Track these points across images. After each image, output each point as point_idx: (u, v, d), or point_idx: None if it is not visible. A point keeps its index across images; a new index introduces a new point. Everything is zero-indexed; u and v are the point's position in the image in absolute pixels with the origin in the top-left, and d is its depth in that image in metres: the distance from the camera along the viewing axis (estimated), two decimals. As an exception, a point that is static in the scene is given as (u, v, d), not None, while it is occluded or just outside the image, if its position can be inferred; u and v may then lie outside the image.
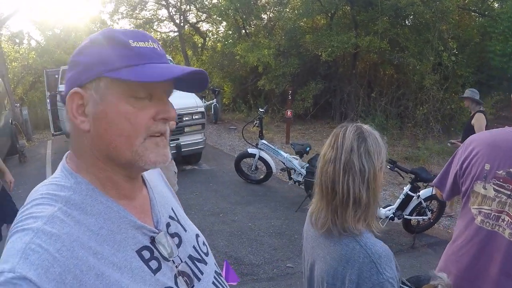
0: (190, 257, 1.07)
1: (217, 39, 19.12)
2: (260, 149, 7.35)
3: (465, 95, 6.24)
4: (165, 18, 21.20)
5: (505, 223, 1.82)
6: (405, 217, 5.40)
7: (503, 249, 1.82)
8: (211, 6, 17.70)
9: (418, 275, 1.72)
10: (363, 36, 12.50)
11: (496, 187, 1.85)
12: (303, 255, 1.75)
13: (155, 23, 21.25)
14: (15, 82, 18.64)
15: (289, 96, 11.66)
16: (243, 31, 16.08)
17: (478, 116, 5.98)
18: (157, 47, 0.93)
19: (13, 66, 19.09)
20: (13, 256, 0.73)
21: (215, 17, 16.80)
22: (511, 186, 1.82)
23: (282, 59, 14.36)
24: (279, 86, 13.93)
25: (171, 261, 0.98)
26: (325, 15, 14.40)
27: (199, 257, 1.11)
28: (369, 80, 14.60)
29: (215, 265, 1.18)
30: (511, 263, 1.81)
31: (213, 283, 1.10)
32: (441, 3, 11.29)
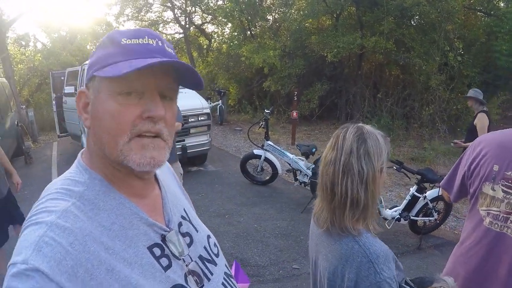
0: (200, 257, 1.08)
1: (222, 40, 19.11)
2: (266, 150, 7.35)
3: (469, 94, 6.23)
4: (170, 20, 21.25)
5: (513, 224, 1.81)
6: (412, 218, 5.37)
7: (511, 250, 1.81)
8: (216, 7, 17.71)
9: (422, 276, 1.71)
10: (368, 36, 12.45)
11: (505, 188, 1.83)
12: (309, 252, 1.77)
13: (161, 25, 21.29)
14: (21, 84, 18.73)
15: (295, 97, 11.65)
16: (249, 32, 16.08)
17: (480, 116, 5.97)
18: (154, 43, 0.92)
19: (19, 68, 19.20)
20: (26, 248, 0.74)
21: (220, 18, 16.83)
22: (519, 187, 1.81)
23: (287, 60, 14.35)
24: (285, 87, 13.92)
25: (181, 259, 0.99)
26: (330, 15, 14.35)
27: (209, 257, 1.12)
28: (375, 80, 14.56)
29: (226, 267, 1.19)
30: (520, 264, 1.80)
31: (223, 284, 1.10)
32: (447, 3, 11.22)
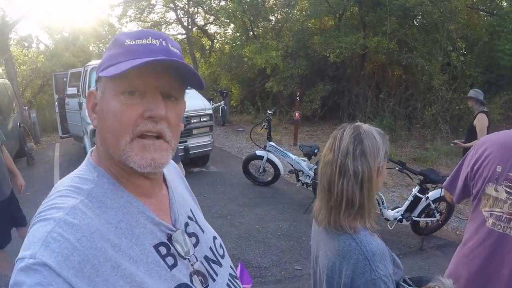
0: (205, 257, 1.09)
1: (225, 41, 19.11)
2: (268, 151, 7.34)
3: (469, 95, 6.25)
4: (173, 20, 21.26)
5: (516, 225, 1.80)
6: (414, 219, 5.36)
7: (514, 251, 1.81)
8: (219, 8, 17.70)
9: (421, 275, 1.74)
10: (371, 36, 12.44)
11: (508, 189, 1.83)
12: (311, 248, 1.81)
13: (163, 26, 21.29)
14: (23, 85, 18.77)
15: (297, 97, 11.65)
16: (251, 33, 16.05)
17: (480, 116, 5.99)
18: (157, 43, 0.92)
19: (21, 69, 19.23)
20: (34, 243, 0.75)
21: (223, 19, 16.83)
22: (523, 188, 1.80)
23: (290, 60, 14.33)
24: (287, 87, 13.88)
25: (187, 259, 1.00)
26: (333, 16, 14.33)
27: (214, 258, 1.12)
28: (377, 81, 14.52)
29: (231, 268, 1.19)
30: (523, 266, 1.79)
31: (228, 285, 1.11)
32: (450, 3, 11.19)
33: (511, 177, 1.82)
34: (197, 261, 1.03)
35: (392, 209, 5.58)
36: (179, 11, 20.12)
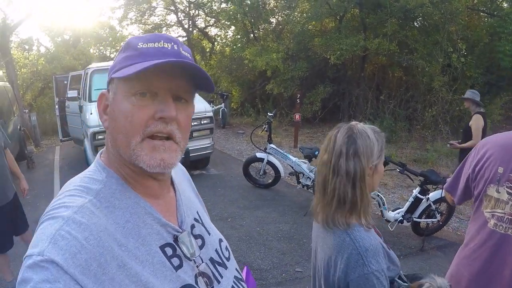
0: (211, 259, 1.10)
1: (225, 43, 19.14)
2: (268, 153, 7.33)
3: (465, 96, 6.26)
4: (173, 23, 21.33)
5: (518, 226, 1.80)
6: (414, 220, 5.35)
7: (516, 252, 1.80)
8: (219, 10, 17.76)
9: (415, 273, 1.78)
10: (372, 38, 12.46)
11: (509, 190, 1.82)
12: (312, 243, 1.87)
13: (164, 28, 21.33)
14: (24, 88, 18.78)
15: (298, 99, 11.65)
16: (252, 35, 16.07)
17: (475, 117, 6.01)
18: (169, 47, 0.94)
19: (22, 72, 19.23)
20: (42, 241, 0.77)
21: (223, 21, 16.87)
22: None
23: (290, 62, 14.34)
24: (288, 90, 13.87)
25: (192, 261, 1.00)
26: (333, 18, 14.36)
27: (220, 260, 1.13)
28: (378, 82, 14.51)
29: (237, 271, 1.20)
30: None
31: (232, 287, 1.11)
32: (450, 4, 11.20)
33: (512, 178, 1.82)
34: (203, 262, 1.04)
35: (392, 210, 5.58)
36: (179, 14, 20.21)
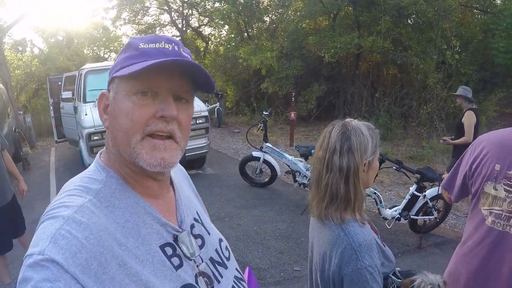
0: (211, 259, 1.10)
1: (219, 42, 19.11)
2: (264, 152, 7.32)
3: (458, 92, 6.29)
4: (167, 23, 21.28)
5: (516, 223, 1.80)
6: (412, 217, 5.36)
7: (514, 249, 1.81)
8: (213, 10, 17.71)
9: (410, 269, 1.82)
10: (366, 36, 12.46)
11: (506, 187, 1.83)
12: (309, 237, 1.90)
13: (158, 28, 21.29)
14: (18, 89, 18.66)
15: (293, 98, 11.67)
16: (246, 34, 16.05)
17: (467, 114, 6.07)
18: (170, 47, 0.96)
19: (16, 73, 19.10)
20: (43, 240, 0.77)
21: (217, 20, 16.82)
22: (522, 186, 1.80)
23: (285, 61, 14.34)
24: (282, 88, 13.87)
25: (192, 260, 1.01)
26: (327, 16, 14.36)
27: (220, 260, 1.14)
28: (373, 80, 14.56)
29: (237, 270, 1.21)
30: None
31: (233, 287, 1.12)
32: (444, 1, 11.23)
33: (509, 175, 1.82)
34: (203, 262, 1.04)
35: (390, 208, 5.59)
36: (173, 13, 20.17)
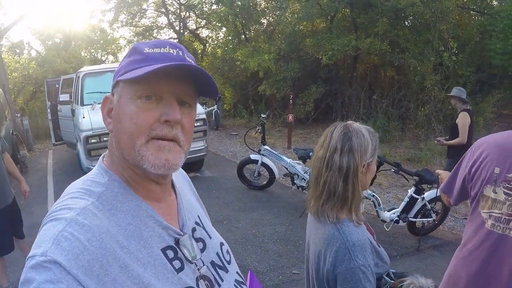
0: (212, 263, 1.10)
1: (217, 45, 19.15)
2: (262, 155, 7.31)
3: (452, 93, 6.29)
4: (164, 25, 21.32)
5: (516, 226, 1.80)
6: (410, 220, 5.36)
7: (514, 252, 1.80)
8: (210, 12, 17.72)
9: (404, 272, 1.86)
10: (363, 38, 12.47)
11: (506, 191, 1.83)
12: (306, 235, 1.92)
13: (155, 31, 21.30)
14: (15, 92, 18.65)
15: (290, 100, 11.67)
16: (243, 36, 16.06)
17: (461, 115, 6.08)
18: (174, 52, 0.96)
19: (13, 76, 19.09)
20: (46, 241, 0.78)
21: (214, 23, 16.81)
22: (521, 189, 1.80)
23: (282, 63, 14.35)
24: (280, 90, 13.88)
25: (193, 263, 1.01)
26: (324, 18, 14.35)
27: (221, 264, 1.14)
28: (370, 82, 14.56)
29: (238, 274, 1.21)
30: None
31: None
32: (441, 3, 11.27)
33: (509, 179, 1.82)
34: (204, 265, 1.05)
35: (388, 211, 5.59)
36: (170, 16, 20.16)
